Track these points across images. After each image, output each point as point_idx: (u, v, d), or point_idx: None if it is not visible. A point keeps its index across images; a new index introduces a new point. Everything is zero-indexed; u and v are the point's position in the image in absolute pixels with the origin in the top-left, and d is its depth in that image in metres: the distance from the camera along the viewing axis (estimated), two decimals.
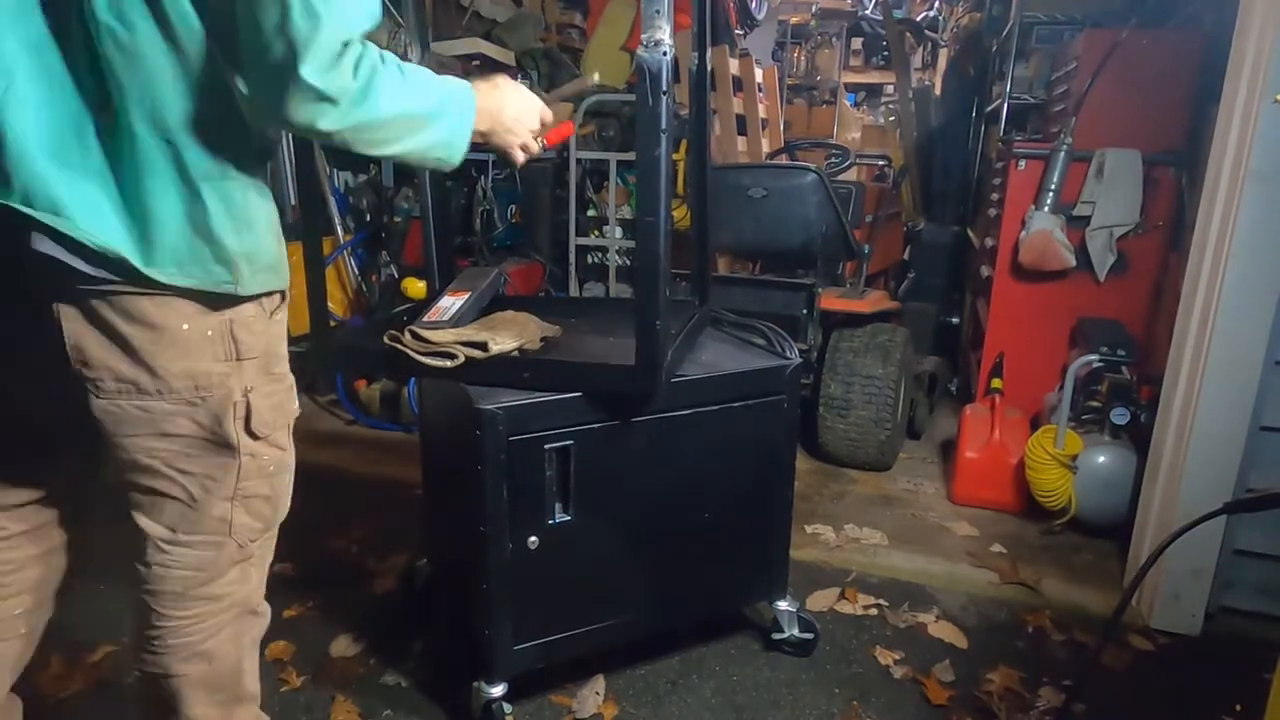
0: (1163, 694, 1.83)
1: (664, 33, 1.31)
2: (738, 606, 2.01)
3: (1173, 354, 2.11)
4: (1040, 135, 3.41)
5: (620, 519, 1.64)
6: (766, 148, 4.64)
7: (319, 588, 2.13)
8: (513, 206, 4.06)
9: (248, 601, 1.23)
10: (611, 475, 1.61)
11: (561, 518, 1.57)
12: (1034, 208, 2.92)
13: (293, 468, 1.26)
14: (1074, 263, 2.90)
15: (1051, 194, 2.88)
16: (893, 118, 6.45)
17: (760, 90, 4.66)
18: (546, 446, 1.52)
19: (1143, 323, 2.89)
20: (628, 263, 4.00)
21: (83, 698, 1.75)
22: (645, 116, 1.34)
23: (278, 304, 1.18)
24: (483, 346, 1.53)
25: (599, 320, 1.86)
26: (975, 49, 5.16)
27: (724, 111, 4.31)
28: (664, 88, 1.32)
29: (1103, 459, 2.46)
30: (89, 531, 1.29)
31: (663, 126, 1.34)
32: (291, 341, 1.24)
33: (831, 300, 2.96)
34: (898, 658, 1.92)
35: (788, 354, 1.81)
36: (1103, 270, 2.90)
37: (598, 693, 1.77)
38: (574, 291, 4.07)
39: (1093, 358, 2.59)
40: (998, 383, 2.93)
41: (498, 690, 1.59)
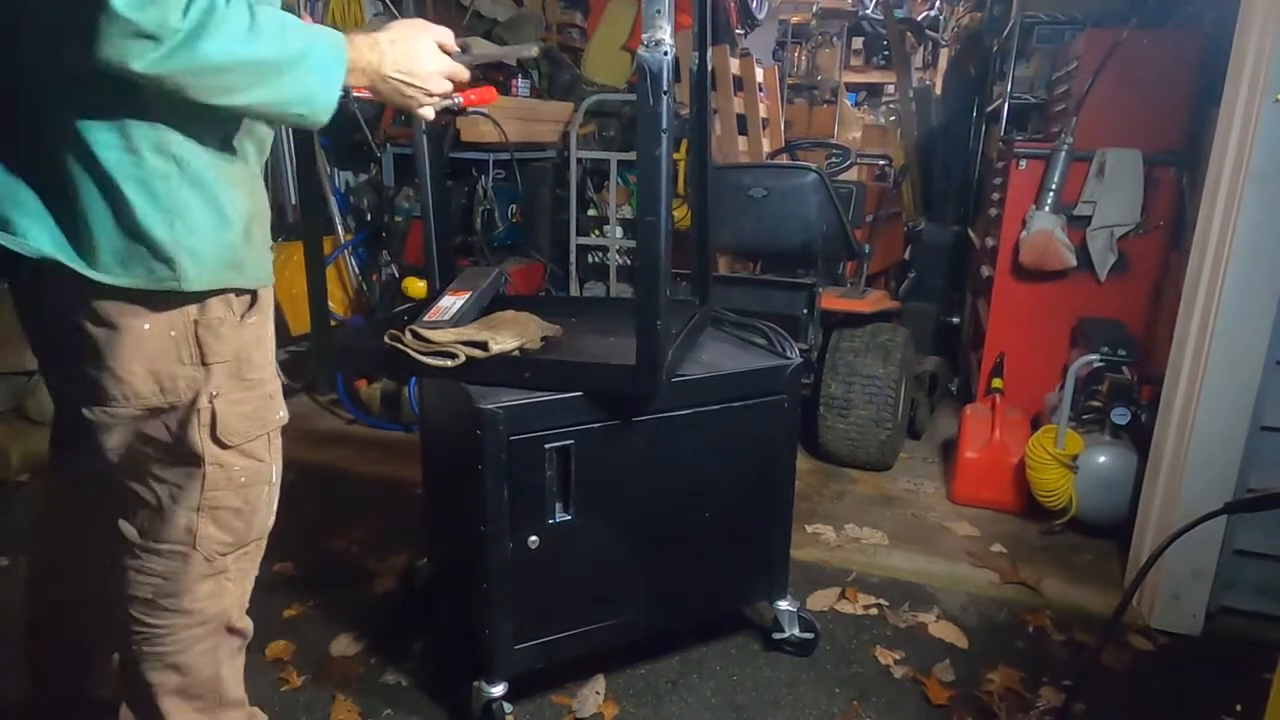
0: (1163, 694, 1.83)
1: (665, 32, 1.31)
2: (738, 606, 2.01)
3: (1173, 354, 2.11)
4: (1041, 135, 3.41)
5: (620, 519, 1.64)
6: (767, 147, 4.63)
7: (319, 587, 2.13)
8: (513, 206, 4.05)
9: (223, 617, 1.20)
10: (612, 475, 1.61)
11: (562, 517, 1.57)
12: (1035, 207, 2.92)
13: (274, 480, 1.21)
14: (1074, 263, 2.90)
15: (1052, 194, 2.88)
16: (893, 117, 6.45)
17: (761, 90, 4.66)
18: (547, 446, 1.52)
19: (1143, 323, 2.89)
20: (628, 262, 4.00)
21: None
22: (646, 116, 1.34)
23: (248, 306, 1.13)
24: (483, 346, 1.53)
25: (599, 320, 1.86)
26: (976, 49, 5.16)
27: (725, 111, 4.31)
28: (665, 87, 1.32)
29: (1103, 459, 2.46)
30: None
31: (663, 126, 1.34)
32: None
33: (832, 300, 2.96)
34: (898, 658, 1.92)
35: (788, 354, 1.81)
36: (1103, 270, 2.90)
37: (598, 692, 1.77)
38: (574, 291, 4.07)
39: (1093, 358, 2.59)
40: (998, 382, 2.93)
41: (498, 690, 1.59)
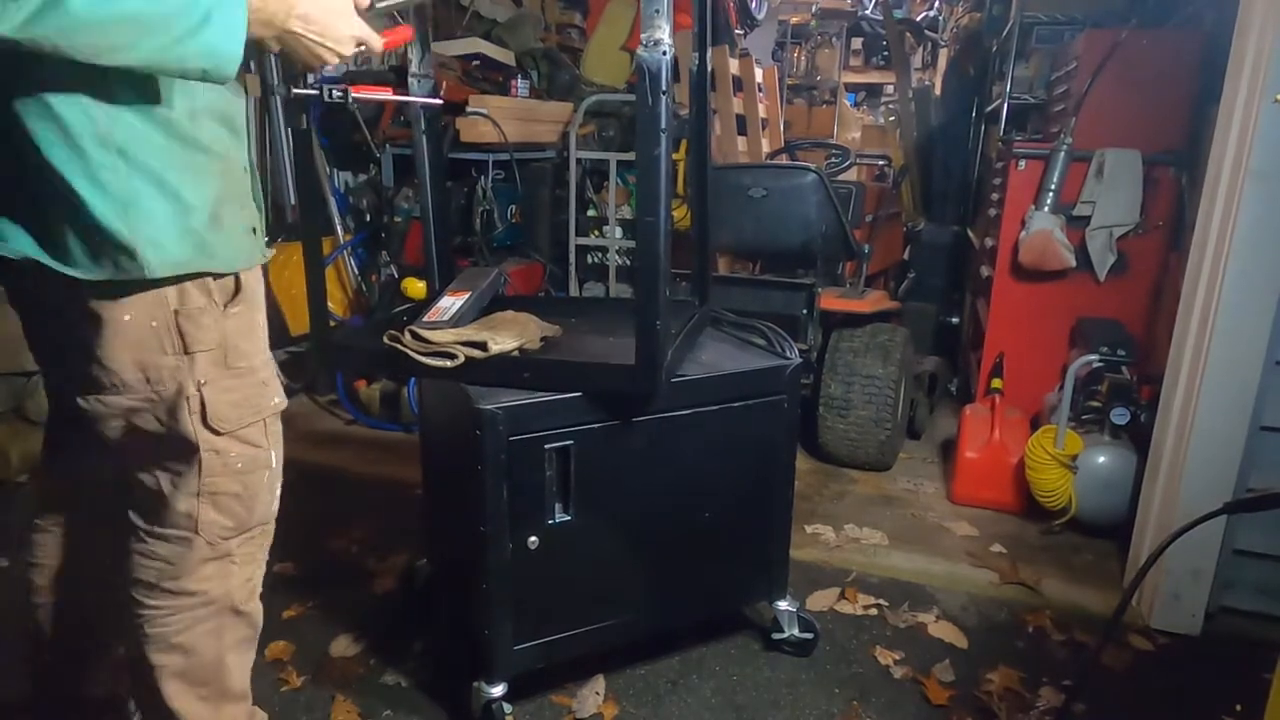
0: (1163, 694, 1.83)
1: (664, 32, 1.31)
2: (738, 606, 2.01)
3: (1173, 354, 2.11)
4: (1040, 135, 3.41)
5: (620, 519, 1.64)
6: (766, 148, 4.63)
7: (319, 588, 2.13)
8: (513, 206, 4.05)
9: (228, 599, 1.23)
10: (611, 475, 1.61)
11: (561, 518, 1.57)
12: (1034, 208, 2.92)
13: (275, 466, 1.24)
14: (1074, 263, 2.90)
15: (1051, 194, 2.88)
16: (893, 118, 6.45)
17: (760, 90, 4.66)
18: (546, 446, 1.52)
19: (1143, 323, 2.89)
20: (628, 263, 3.99)
21: None
22: (645, 116, 1.34)
23: (231, 295, 1.14)
24: (483, 346, 1.53)
25: (599, 320, 1.86)
26: (975, 49, 5.16)
27: (724, 111, 4.31)
28: (664, 87, 1.32)
29: (1103, 459, 2.46)
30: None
31: (663, 126, 1.34)
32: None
33: (831, 300, 2.96)
34: (898, 658, 1.92)
35: (788, 354, 1.81)
36: (1103, 270, 2.90)
37: (598, 693, 1.77)
38: (574, 291, 4.06)
39: (1093, 358, 2.59)
40: (998, 383, 2.93)
41: (498, 690, 1.59)
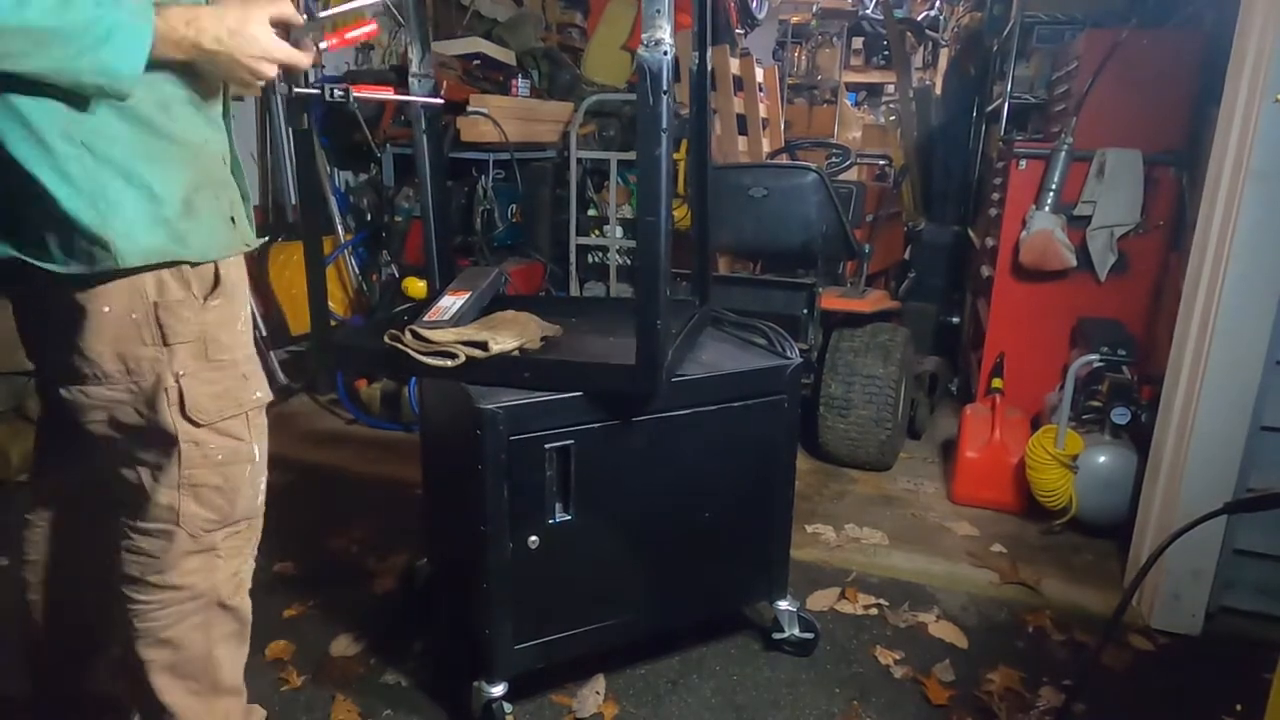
0: (1163, 694, 1.83)
1: (664, 32, 1.31)
2: (738, 606, 2.01)
3: (1173, 354, 2.11)
4: (1041, 135, 3.41)
5: (620, 519, 1.64)
6: (767, 147, 4.63)
7: (319, 588, 2.13)
8: (513, 206, 4.05)
9: (214, 593, 1.23)
10: (612, 475, 1.61)
11: (561, 518, 1.57)
12: (1035, 207, 2.92)
13: (259, 460, 1.24)
14: (1074, 263, 2.90)
15: (1052, 194, 2.88)
16: (893, 117, 6.45)
17: (761, 90, 4.66)
18: (547, 446, 1.52)
19: (1143, 323, 2.89)
20: (628, 262, 3.99)
21: None
22: (646, 116, 1.34)
23: (211, 288, 1.14)
24: (483, 346, 1.53)
25: (599, 320, 1.86)
26: (976, 49, 5.16)
27: (724, 111, 4.31)
28: (664, 87, 1.32)
29: (1103, 459, 2.46)
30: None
31: (663, 126, 1.34)
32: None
33: (832, 300, 2.96)
34: (898, 658, 1.92)
35: (788, 354, 1.81)
36: (1103, 270, 2.90)
37: (598, 692, 1.77)
38: (574, 291, 4.07)
39: (1093, 358, 2.59)
40: (998, 382, 2.93)
41: (498, 690, 1.59)
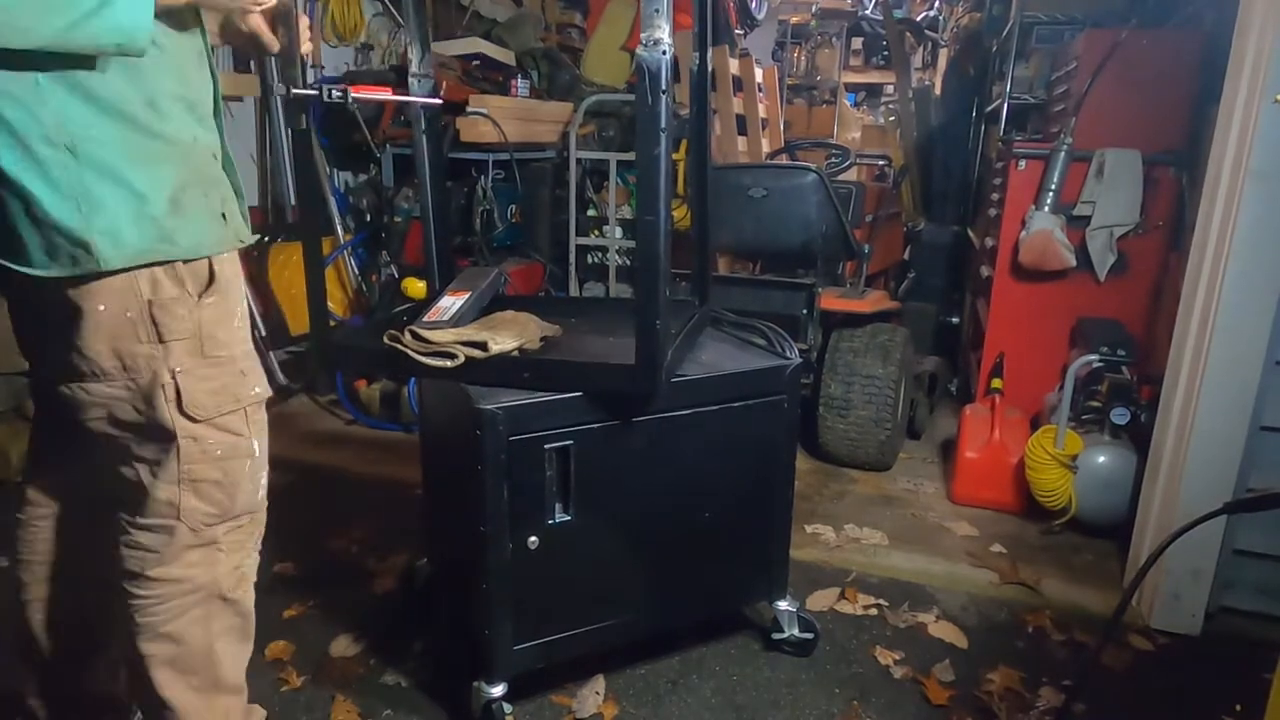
0: (1163, 694, 1.83)
1: (664, 32, 1.31)
2: (738, 606, 2.01)
3: (1173, 354, 2.11)
4: (1040, 135, 3.41)
5: (620, 519, 1.64)
6: (766, 148, 4.64)
7: (319, 588, 2.13)
8: (513, 206, 4.06)
9: (214, 586, 1.24)
10: (611, 475, 1.61)
11: (561, 518, 1.57)
12: (1034, 208, 2.92)
13: (259, 455, 1.25)
14: (1074, 263, 2.90)
15: (1051, 194, 2.88)
16: (893, 118, 6.45)
17: (760, 90, 4.66)
18: (546, 446, 1.52)
19: (1143, 323, 2.89)
20: (628, 263, 4.00)
21: None
22: (645, 116, 1.34)
23: (205, 285, 1.15)
24: (483, 346, 1.53)
25: (599, 320, 1.86)
26: (975, 49, 5.16)
27: (724, 111, 4.31)
28: (664, 87, 1.32)
29: (1103, 459, 2.46)
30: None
31: (663, 126, 1.34)
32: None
33: (831, 300, 2.96)
34: (898, 658, 1.92)
35: (788, 354, 1.81)
36: (1103, 270, 2.90)
37: (598, 693, 1.77)
38: (574, 291, 4.07)
39: (1093, 358, 2.59)
40: (998, 383, 2.93)
41: (498, 690, 1.59)
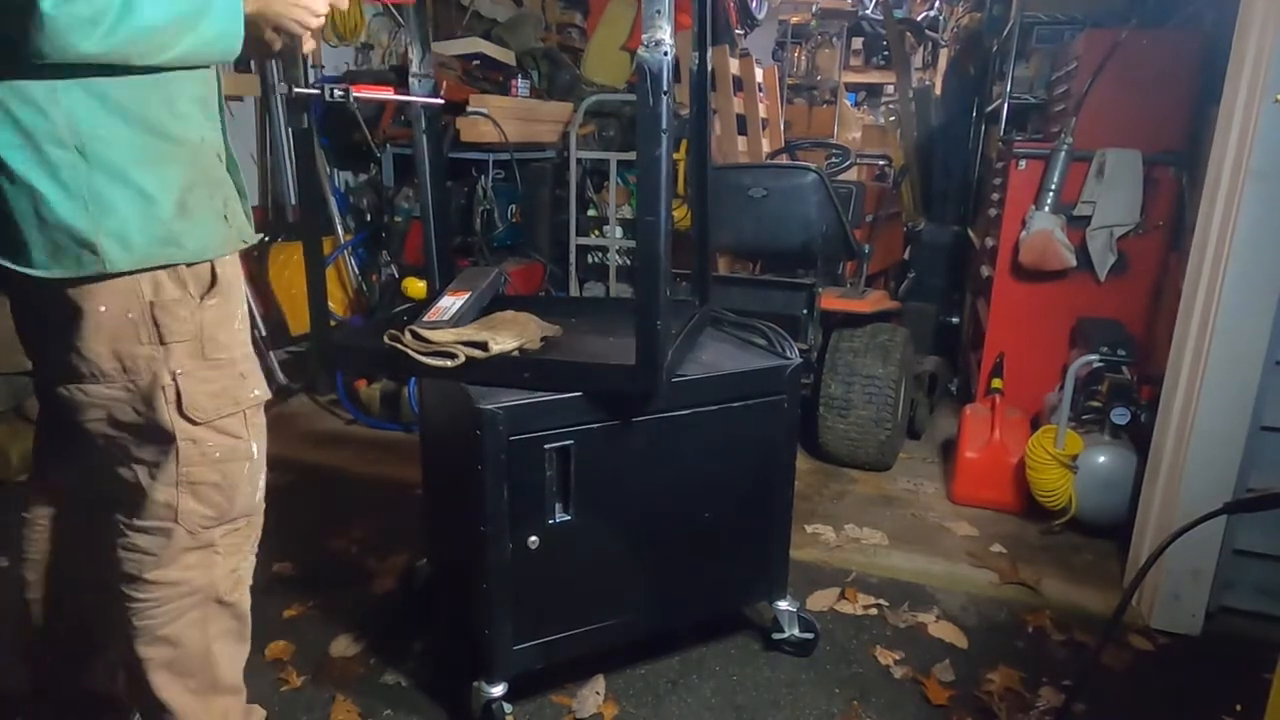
0: (1163, 694, 1.83)
1: (665, 32, 1.31)
2: (738, 606, 2.01)
3: (1173, 354, 2.11)
4: (1040, 135, 3.41)
5: (620, 519, 1.64)
6: (767, 148, 4.64)
7: (319, 588, 2.13)
8: (513, 206, 4.06)
9: (212, 589, 1.24)
10: (611, 475, 1.61)
11: (561, 518, 1.57)
12: (1034, 208, 2.92)
13: (257, 457, 1.25)
14: (1074, 263, 2.90)
15: (1052, 194, 2.88)
16: (893, 118, 6.45)
17: (760, 90, 4.66)
18: (546, 446, 1.52)
19: (1143, 323, 2.89)
20: (628, 262, 4.00)
21: None
22: (646, 116, 1.34)
23: (207, 287, 1.15)
24: (483, 346, 1.53)
25: (599, 320, 1.86)
26: (975, 49, 5.16)
27: (724, 111, 4.31)
28: (664, 87, 1.32)
29: (1103, 459, 2.46)
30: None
31: (663, 126, 1.34)
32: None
33: (832, 300, 2.96)
34: (898, 658, 1.92)
35: (788, 354, 1.81)
36: (1103, 270, 2.90)
37: (598, 693, 1.77)
38: (574, 291, 4.07)
39: (1093, 358, 2.59)
40: (998, 383, 2.93)
41: (498, 690, 1.59)
